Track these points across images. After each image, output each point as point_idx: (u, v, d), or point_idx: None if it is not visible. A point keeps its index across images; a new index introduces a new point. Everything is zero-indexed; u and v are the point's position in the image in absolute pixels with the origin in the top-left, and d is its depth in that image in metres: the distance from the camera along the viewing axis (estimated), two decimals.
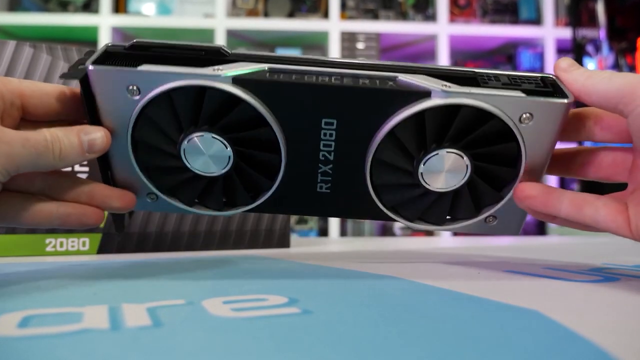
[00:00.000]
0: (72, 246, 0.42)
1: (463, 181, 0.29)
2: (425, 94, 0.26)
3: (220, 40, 1.50)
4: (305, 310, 0.20)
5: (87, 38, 1.57)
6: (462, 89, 0.26)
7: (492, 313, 0.20)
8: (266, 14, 1.57)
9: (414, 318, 0.19)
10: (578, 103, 0.28)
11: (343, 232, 1.56)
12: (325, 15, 1.57)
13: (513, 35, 1.62)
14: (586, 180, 0.31)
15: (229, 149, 0.28)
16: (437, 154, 0.28)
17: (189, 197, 0.31)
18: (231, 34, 1.54)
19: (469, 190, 0.29)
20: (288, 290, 0.25)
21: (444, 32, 1.57)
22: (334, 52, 1.52)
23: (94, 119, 0.28)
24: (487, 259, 0.41)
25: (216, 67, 0.27)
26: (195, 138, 0.28)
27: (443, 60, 1.55)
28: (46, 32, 1.56)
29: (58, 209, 0.28)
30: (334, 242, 0.69)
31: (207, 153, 0.28)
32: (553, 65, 0.29)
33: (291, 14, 1.58)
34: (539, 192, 0.28)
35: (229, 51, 0.28)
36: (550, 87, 0.27)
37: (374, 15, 1.60)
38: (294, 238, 0.59)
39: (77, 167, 0.42)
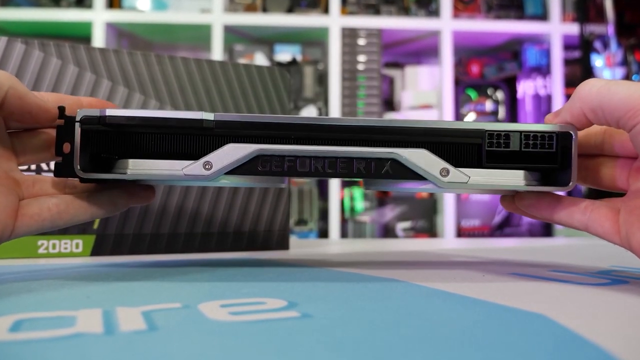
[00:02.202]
0: (65, 248, 0.42)
1: None
2: (421, 178, 0.27)
3: (217, 37, 1.50)
4: (305, 314, 0.20)
5: (80, 34, 1.57)
6: (459, 177, 0.27)
7: (497, 317, 0.20)
8: (265, 9, 1.57)
9: (417, 322, 0.19)
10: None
11: (344, 234, 1.56)
12: (326, 10, 1.57)
13: (518, 31, 1.62)
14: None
15: None
16: None
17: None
18: (228, 30, 1.54)
19: None
20: (287, 293, 0.25)
21: (447, 27, 1.57)
22: (335, 48, 1.52)
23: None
24: (491, 261, 0.41)
25: (205, 160, 0.27)
26: None
27: (446, 57, 1.56)
28: (38, 27, 1.56)
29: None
30: (335, 244, 0.69)
31: None
32: (544, 120, 0.29)
33: (290, 9, 1.58)
34: (534, 199, 0.29)
35: (212, 119, 0.27)
36: (558, 159, 0.27)
37: (375, 10, 1.60)
38: (293, 240, 0.59)
39: None
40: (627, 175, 0.28)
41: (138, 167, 0.27)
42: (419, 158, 0.27)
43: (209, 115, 0.27)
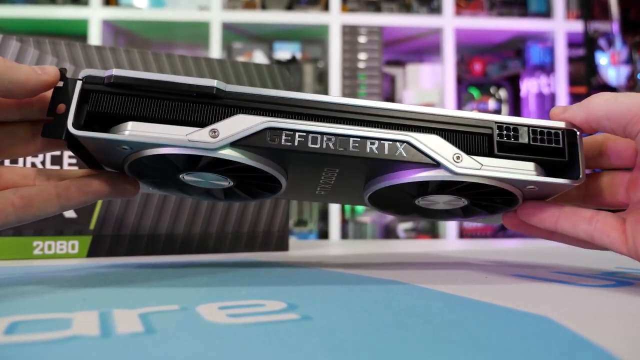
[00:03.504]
0: (61, 249, 0.42)
1: (459, 206, 0.32)
2: (435, 164, 0.27)
3: (216, 35, 1.50)
4: (305, 317, 0.20)
5: (76, 31, 1.57)
6: (471, 163, 0.27)
7: (500, 319, 0.20)
8: (264, 6, 1.57)
9: (418, 324, 0.19)
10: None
11: (344, 235, 1.56)
12: (326, 7, 1.57)
13: (522, 28, 1.62)
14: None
15: (228, 180, 0.30)
16: (437, 196, 0.30)
17: (192, 193, 0.33)
18: (227, 27, 1.54)
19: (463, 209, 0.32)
20: (286, 295, 0.25)
21: (449, 25, 1.57)
22: (335, 46, 1.52)
23: (91, 163, 0.29)
24: (494, 262, 0.41)
25: (212, 127, 0.25)
26: (195, 175, 0.29)
27: (449, 55, 1.56)
28: (34, 25, 1.56)
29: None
30: (335, 245, 0.69)
31: (207, 180, 0.29)
32: (550, 114, 0.29)
33: (290, 7, 1.58)
34: (536, 208, 0.29)
35: (224, 89, 0.26)
36: (566, 154, 0.27)
37: (376, 7, 1.60)
38: (292, 240, 0.59)
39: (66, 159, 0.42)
40: (626, 188, 0.29)
41: (138, 130, 0.25)
42: (432, 142, 0.26)
43: (221, 84, 0.26)
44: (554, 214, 0.29)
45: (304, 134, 0.26)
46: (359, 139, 0.26)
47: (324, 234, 1.55)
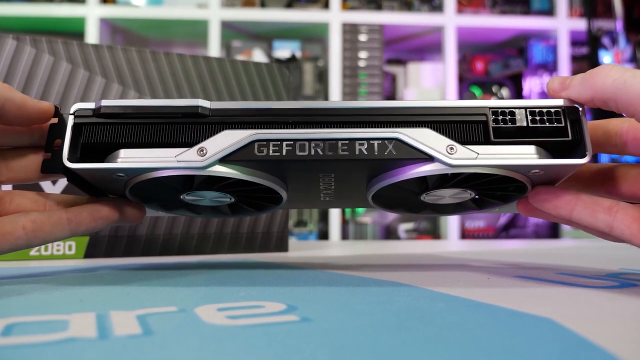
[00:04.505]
0: (58, 250, 0.42)
1: (467, 199, 0.31)
2: (428, 158, 0.26)
3: (214, 33, 1.50)
4: (305, 318, 0.20)
5: (73, 30, 1.57)
6: (467, 153, 0.26)
7: (503, 321, 0.20)
8: (263, 4, 1.57)
9: (420, 326, 0.19)
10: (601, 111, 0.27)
11: (344, 236, 1.56)
12: (326, 5, 1.57)
13: (524, 26, 1.62)
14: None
15: (229, 196, 0.30)
16: (441, 190, 0.29)
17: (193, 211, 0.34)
18: (226, 26, 1.55)
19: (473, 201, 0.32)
20: (286, 296, 0.25)
21: (451, 23, 1.57)
22: (335, 45, 1.52)
23: (93, 192, 0.30)
24: (496, 263, 0.41)
25: (200, 146, 0.26)
26: (194, 195, 0.30)
27: (450, 53, 1.56)
28: (30, 23, 1.56)
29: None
30: (335, 246, 0.69)
31: (207, 198, 0.30)
32: (546, 89, 0.28)
33: (289, 4, 1.58)
34: (550, 194, 0.28)
35: (208, 107, 0.27)
36: (570, 132, 0.26)
37: (377, 5, 1.60)
38: (292, 241, 0.59)
39: None
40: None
41: (129, 156, 0.26)
42: (423, 136, 0.26)
43: (205, 103, 0.27)
44: (570, 201, 0.27)
45: (292, 142, 0.26)
46: (347, 142, 0.26)
47: (324, 235, 1.55)
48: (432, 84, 1.69)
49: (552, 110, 0.26)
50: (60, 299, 0.24)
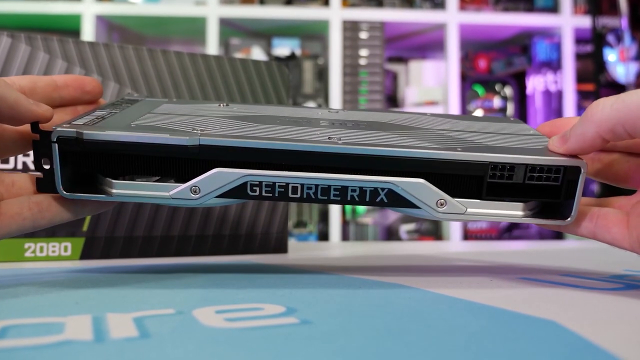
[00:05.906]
0: (53, 251, 0.42)
1: None
2: (416, 207, 0.27)
3: (212, 31, 1.50)
4: (304, 321, 0.20)
5: (69, 27, 1.57)
6: (455, 208, 0.27)
7: (506, 323, 0.20)
8: (262, 1, 1.57)
9: (421, 329, 0.19)
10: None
11: (345, 237, 1.57)
12: (326, 2, 1.57)
13: (528, 24, 1.62)
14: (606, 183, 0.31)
15: None
16: None
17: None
18: (224, 23, 1.54)
19: None
20: (285, 299, 0.25)
21: (453, 20, 1.57)
22: (335, 42, 1.52)
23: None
24: (499, 265, 0.41)
25: (192, 185, 0.27)
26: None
27: (452, 51, 1.56)
28: (25, 20, 1.56)
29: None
30: (335, 247, 0.69)
31: None
32: (549, 146, 0.28)
33: (289, 1, 1.58)
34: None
35: (196, 144, 0.27)
36: (563, 193, 0.27)
37: (378, 2, 1.60)
38: (292, 243, 0.59)
39: None
40: None
41: (123, 189, 0.28)
42: (416, 189, 0.27)
43: (193, 141, 0.27)
44: None
45: (284, 185, 0.27)
46: (339, 187, 0.27)
47: (324, 236, 1.55)
48: (434, 82, 1.69)
49: (553, 168, 0.27)
50: (55, 301, 0.24)
